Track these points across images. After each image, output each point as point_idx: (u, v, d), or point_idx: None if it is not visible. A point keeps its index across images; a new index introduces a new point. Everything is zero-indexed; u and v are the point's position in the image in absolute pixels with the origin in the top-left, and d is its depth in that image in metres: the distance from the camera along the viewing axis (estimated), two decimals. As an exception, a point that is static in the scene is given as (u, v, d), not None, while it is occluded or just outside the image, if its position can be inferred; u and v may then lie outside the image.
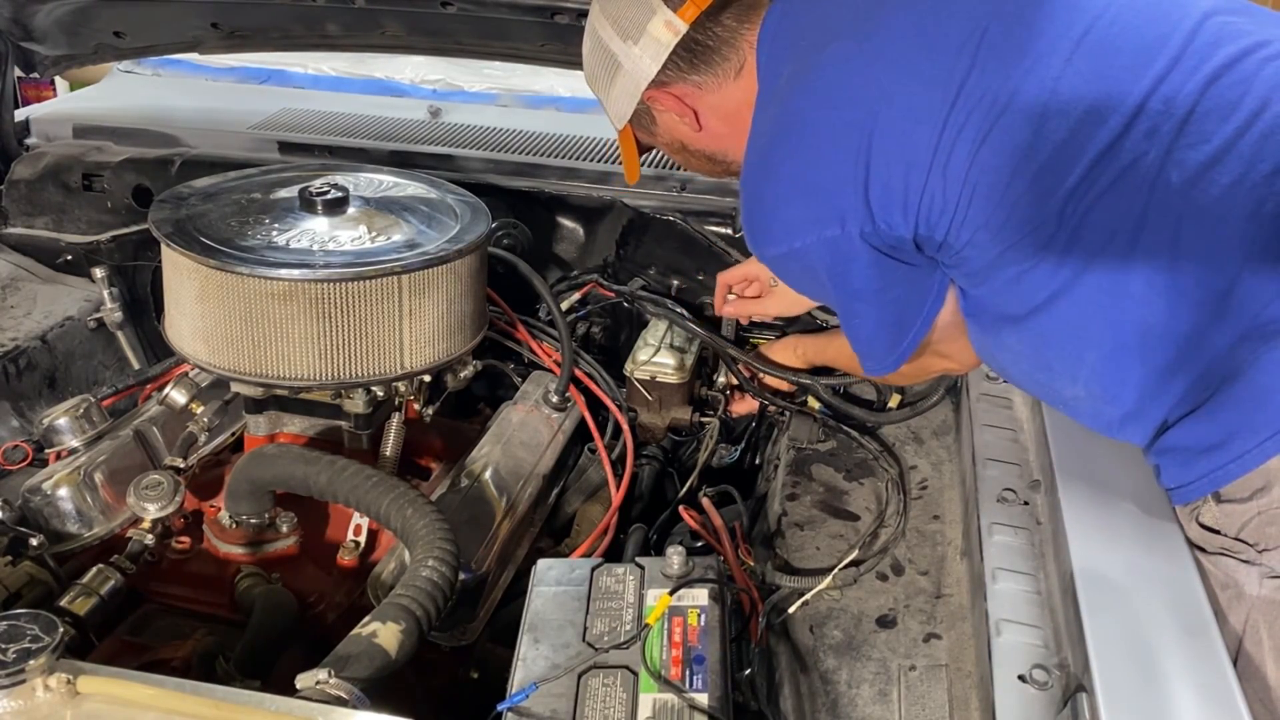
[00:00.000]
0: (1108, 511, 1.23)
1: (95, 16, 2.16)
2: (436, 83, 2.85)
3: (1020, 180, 1.13)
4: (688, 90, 1.38)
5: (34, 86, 4.16)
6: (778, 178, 1.26)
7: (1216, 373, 1.12)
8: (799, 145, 1.24)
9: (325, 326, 1.47)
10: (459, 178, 1.97)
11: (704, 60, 1.35)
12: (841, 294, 1.31)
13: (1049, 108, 1.12)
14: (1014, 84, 1.13)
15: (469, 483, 1.59)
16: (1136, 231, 1.11)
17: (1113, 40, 1.14)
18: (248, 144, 2.36)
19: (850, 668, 1.20)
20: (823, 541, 1.43)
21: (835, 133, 1.21)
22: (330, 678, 1.02)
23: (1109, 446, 1.31)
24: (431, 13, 1.97)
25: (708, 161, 1.49)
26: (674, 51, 1.34)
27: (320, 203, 1.60)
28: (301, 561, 1.56)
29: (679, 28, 1.33)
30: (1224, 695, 0.98)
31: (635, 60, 1.37)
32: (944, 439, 1.64)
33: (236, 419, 1.74)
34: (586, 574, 1.26)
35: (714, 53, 1.35)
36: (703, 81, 1.37)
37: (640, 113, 1.44)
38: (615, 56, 1.39)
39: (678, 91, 1.38)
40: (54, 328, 2.06)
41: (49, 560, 1.41)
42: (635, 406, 1.91)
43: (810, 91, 1.24)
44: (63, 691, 0.95)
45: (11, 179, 2.30)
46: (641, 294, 2.04)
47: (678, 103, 1.39)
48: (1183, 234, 1.10)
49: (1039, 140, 1.12)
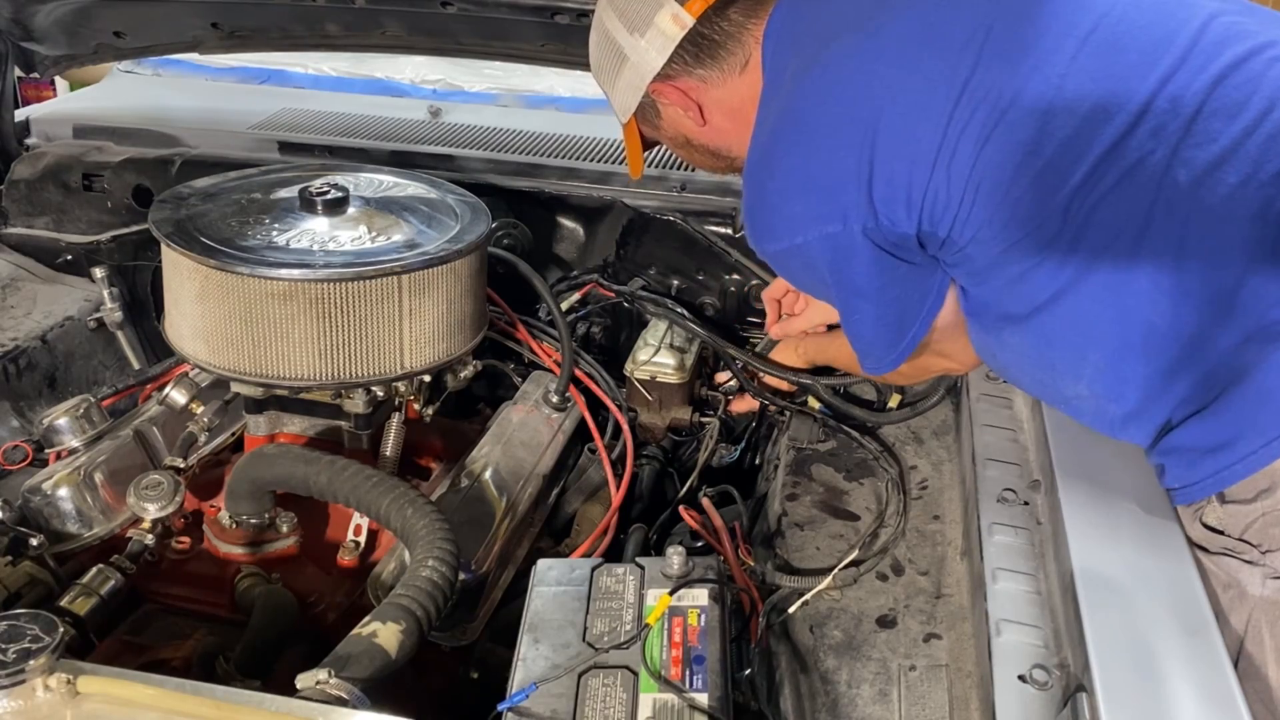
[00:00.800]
0: (1108, 511, 1.23)
1: (95, 16, 2.17)
2: (436, 83, 2.85)
3: (1024, 178, 1.13)
4: (693, 84, 1.38)
5: (34, 86, 4.16)
6: (781, 172, 1.26)
7: (1222, 373, 1.12)
8: (803, 140, 1.24)
9: (325, 326, 1.47)
10: (459, 178, 1.97)
11: (709, 54, 1.35)
12: (842, 291, 1.31)
13: (1054, 106, 1.11)
14: (1019, 82, 1.13)
15: (469, 483, 1.59)
16: (1142, 230, 1.11)
17: (1119, 39, 1.13)
18: (248, 144, 2.36)
19: (850, 668, 1.20)
20: (823, 541, 1.43)
21: (839, 128, 1.20)
22: (330, 678, 1.02)
23: (1109, 446, 1.31)
24: (431, 13, 1.97)
25: (711, 157, 1.49)
26: (680, 45, 1.34)
27: (320, 203, 1.60)
28: (302, 561, 1.56)
29: (686, 21, 1.33)
30: (1224, 695, 0.98)
31: (641, 53, 1.36)
32: (944, 439, 1.64)
33: (236, 419, 1.73)
34: (586, 574, 1.26)
35: (720, 47, 1.35)
36: (708, 76, 1.37)
37: (645, 106, 1.43)
38: (621, 49, 1.38)
39: (683, 85, 1.38)
40: (54, 328, 2.06)
41: (49, 560, 1.41)
42: (635, 406, 1.91)
43: (815, 87, 1.24)
44: (63, 691, 0.95)
45: (11, 179, 2.30)
46: (642, 294, 2.04)
47: (682, 96, 1.39)
48: (1189, 233, 1.09)
49: (1043, 138, 1.12)
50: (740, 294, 2.08)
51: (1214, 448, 1.14)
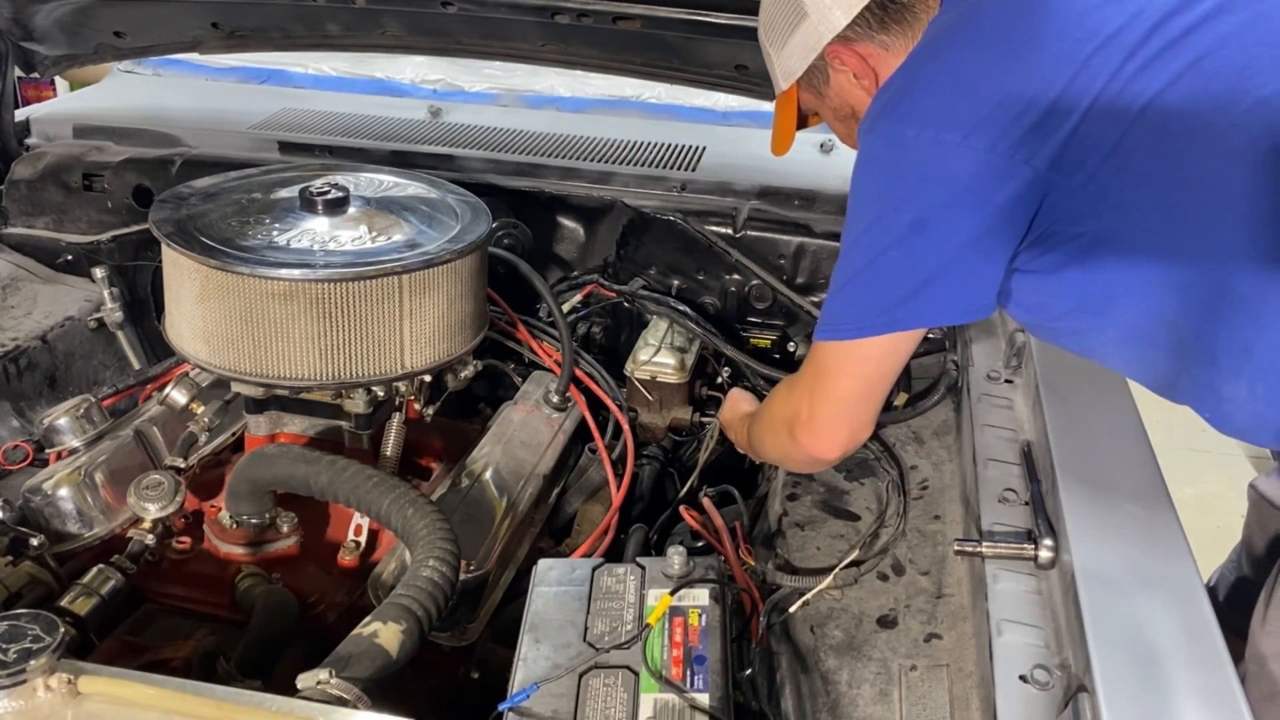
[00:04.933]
0: (1108, 511, 1.23)
1: (95, 16, 2.17)
2: (436, 83, 2.85)
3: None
4: (873, 51, 1.29)
5: (34, 86, 4.16)
6: (938, 61, 1.18)
7: None
8: (972, 37, 1.17)
9: (325, 326, 1.47)
10: (459, 178, 1.97)
11: (895, 19, 1.27)
12: (885, 209, 1.19)
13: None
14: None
15: (469, 483, 1.59)
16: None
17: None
18: (248, 144, 2.37)
19: (851, 668, 1.20)
20: (823, 541, 1.43)
21: (1010, 40, 1.14)
22: (331, 678, 1.02)
23: (1109, 446, 1.31)
24: (431, 13, 1.98)
25: None
26: (867, 6, 1.26)
27: (321, 203, 1.59)
28: (302, 561, 1.56)
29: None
30: (1225, 695, 0.98)
31: (824, 10, 1.27)
32: (944, 439, 1.64)
33: (237, 419, 1.73)
34: (587, 574, 1.26)
35: (907, 10, 1.26)
36: (890, 43, 1.28)
37: (815, 70, 1.34)
38: (802, 3, 1.29)
39: (863, 50, 1.29)
40: (54, 328, 2.06)
41: (50, 560, 1.41)
42: (636, 406, 1.91)
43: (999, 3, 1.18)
44: (63, 691, 0.95)
45: (11, 179, 2.30)
46: (642, 293, 2.04)
47: (860, 62, 1.30)
48: None
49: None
50: (740, 294, 2.08)
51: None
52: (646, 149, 2.40)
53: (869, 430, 1.33)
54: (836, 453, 1.34)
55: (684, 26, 1.86)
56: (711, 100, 2.63)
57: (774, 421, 1.42)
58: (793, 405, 1.35)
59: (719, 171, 2.26)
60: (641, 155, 2.37)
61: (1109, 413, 1.41)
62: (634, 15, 1.86)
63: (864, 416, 1.31)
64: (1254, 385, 1.15)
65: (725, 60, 2.01)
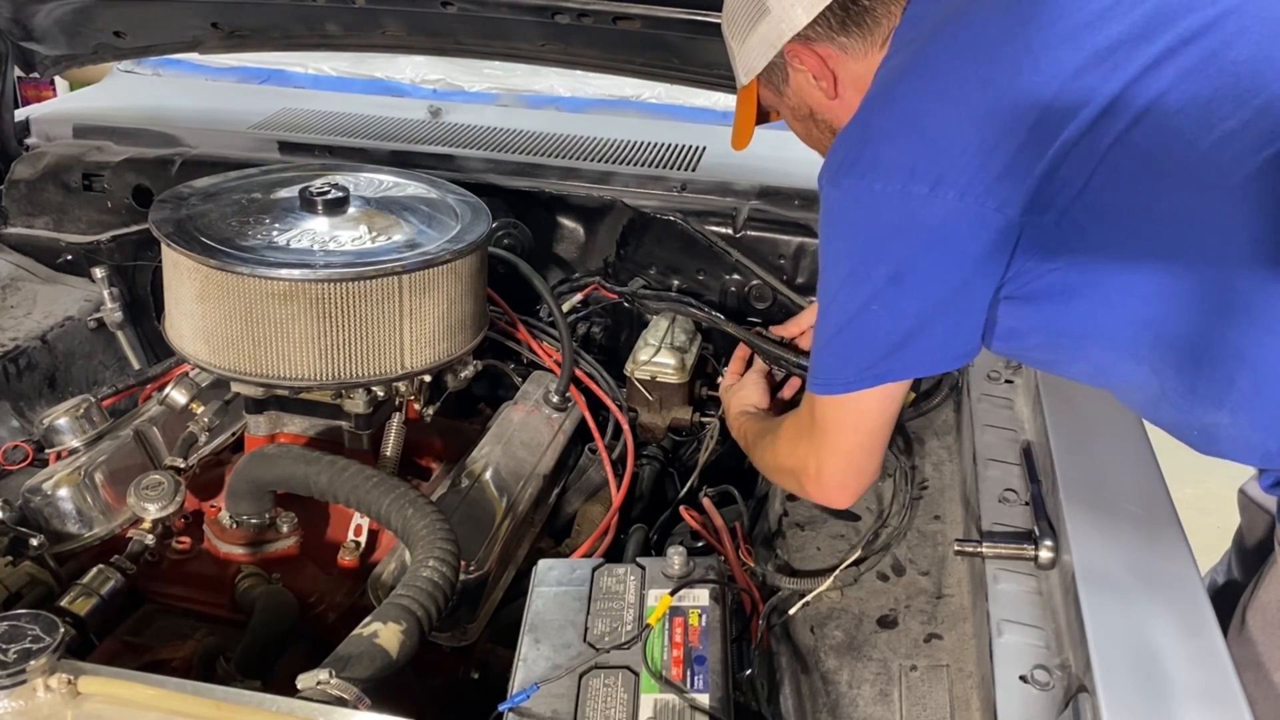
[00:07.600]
0: (1108, 512, 1.23)
1: (95, 16, 2.17)
2: (436, 83, 2.85)
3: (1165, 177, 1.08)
4: (832, 52, 1.28)
5: (34, 86, 4.16)
6: (893, 111, 1.17)
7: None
8: (926, 85, 1.16)
9: (325, 326, 1.47)
10: (459, 178, 1.97)
11: (856, 22, 1.26)
12: (858, 264, 1.19)
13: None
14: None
15: (469, 483, 1.59)
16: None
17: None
18: (248, 144, 2.36)
19: (851, 668, 1.20)
20: (823, 542, 1.43)
21: (966, 85, 1.13)
22: (331, 678, 1.02)
23: (1109, 446, 1.31)
24: (431, 13, 1.97)
25: (831, 135, 1.35)
26: (829, 6, 1.25)
27: (320, 203, 1.59)
28: (302, 562, 1.56)
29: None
30: (1226, 696, 0.98)
31: (786, 8, 1.27)
32: (944, 439, 1.64)
33: (237, 419, 1.73)
34: (587, 574, 1.26)
35: (868, 14, 1.25)
36: (849, 45, 1.27)
37: (774, 67, 1.34)
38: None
39: (822, 51, 1.28)
40: (54, 328, 2.06)
41: (49, 560, 1.41)
42: (636, 406, 1.91)
43: (953, 39, 1.17)
44: (63, 692, 0.95)
45: (11, 179, 2.30)
46: (643, 292, 2.04)
47: (819, 63, 1.29)
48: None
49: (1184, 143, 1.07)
50: (740, 294, 2.08)
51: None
52: (646, 149, 2.40)
53: (878, 473, 1.33)
54: (849, 500, 1.35)
55: (684, 26, 1.86)
56: (711, 100, 2.62)
57: (780, 470, 1.43)
58: (799, 458, 1.34)
59: (719, 171, 2.26)
60: (641, 155, 2.37)
61: (1109, 413, 1.40)
62: (634, 15, 1.86)
63: (871, 465, 1.31)
64: (1236, 414, 1.15)
65: (725, 60, 1.99)
